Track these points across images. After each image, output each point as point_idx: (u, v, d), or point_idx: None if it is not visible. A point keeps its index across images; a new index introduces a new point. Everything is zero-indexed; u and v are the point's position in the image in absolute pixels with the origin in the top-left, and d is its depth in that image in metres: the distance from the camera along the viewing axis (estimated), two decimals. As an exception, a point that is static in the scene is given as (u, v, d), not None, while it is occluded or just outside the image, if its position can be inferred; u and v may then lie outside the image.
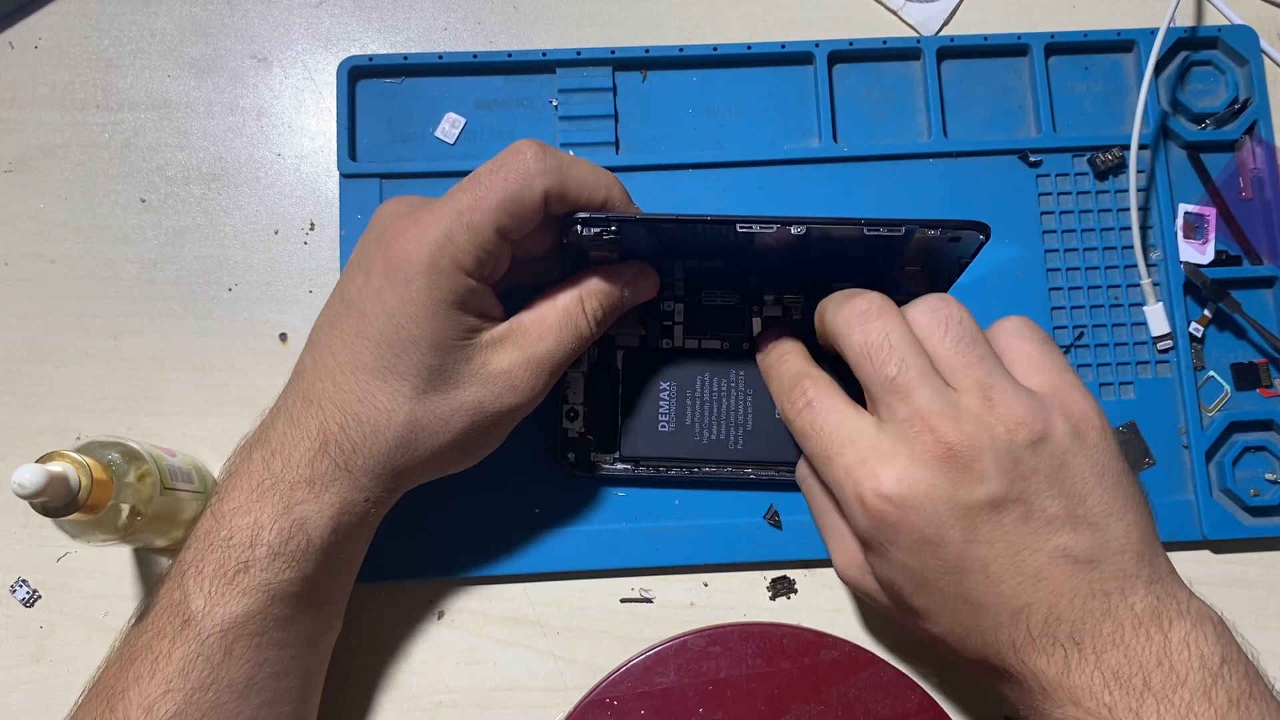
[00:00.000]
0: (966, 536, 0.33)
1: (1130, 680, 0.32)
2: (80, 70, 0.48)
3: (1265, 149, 0.47)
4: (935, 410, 0.34)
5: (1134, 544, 0.34)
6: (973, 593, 0.34)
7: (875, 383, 0.35)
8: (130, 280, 0.46)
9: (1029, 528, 0.33)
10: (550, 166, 0.36)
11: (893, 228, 0.37)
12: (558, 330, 0.38)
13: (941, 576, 0.34)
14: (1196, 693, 0.31)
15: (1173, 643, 0.32)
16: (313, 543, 0.36)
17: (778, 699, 0.41)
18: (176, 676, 0.34)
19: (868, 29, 0.49)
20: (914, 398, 0.34)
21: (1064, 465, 0.34)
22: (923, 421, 0.34)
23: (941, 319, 0.36)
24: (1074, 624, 0.33)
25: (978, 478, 0.33)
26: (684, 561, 0.44)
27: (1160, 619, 0.33)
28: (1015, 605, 0.33)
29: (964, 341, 0.36)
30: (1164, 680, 0.31)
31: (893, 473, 0.34)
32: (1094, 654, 0.32)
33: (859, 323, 0.36)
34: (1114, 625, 0.33)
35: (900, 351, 0.35)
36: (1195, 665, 0.32)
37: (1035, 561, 0.33)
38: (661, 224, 0.38)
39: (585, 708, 0.41)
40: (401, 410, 0.36)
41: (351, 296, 0.37)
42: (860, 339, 0.36)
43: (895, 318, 0.36)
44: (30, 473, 0.32)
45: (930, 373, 0.35)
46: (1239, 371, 0.45)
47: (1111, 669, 0.32)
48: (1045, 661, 0.33)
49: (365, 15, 0.49)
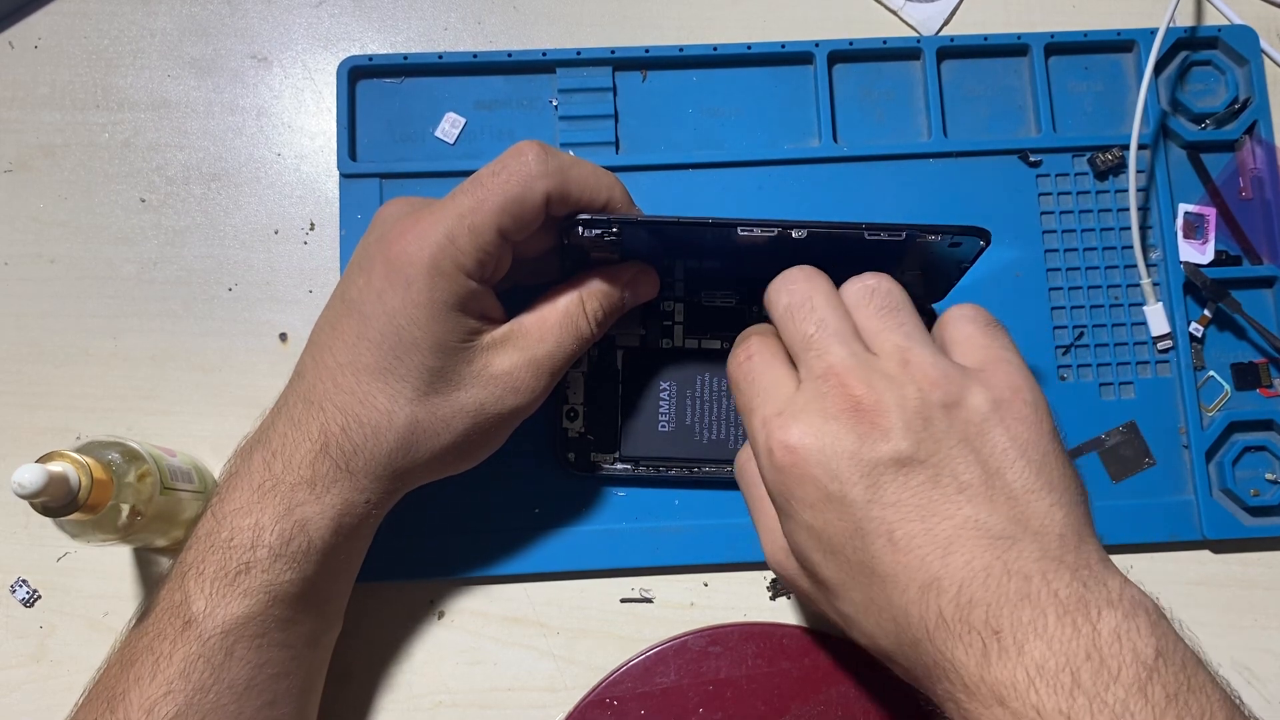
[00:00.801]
0: (870, 496, 0.32)
1: (1057, 676, 0.29)
2: (80, 70, 0.48)
3: (1265, 149, 0.47)
4: (847, 367, 0.34)
5: (1056, 524, 0.31)
6: (878, 561, 0.32)
7: (795, 341, 0.35)
8: (130, 280, 0.46)
9: (938, 493, 0.32)
10: (552, 168, 0.36)
11: (893, 233, 0.37)
12: (558, 331, 0.38)
13: (847, 540, 0.32)
14: (1131, 689, 0.28)
15: (1102, 634, 0.29)
16: (314, 544, 0.36)
17: (778, 699, 0.41)
18: (177, 678, 0.34)
19: (868, 29, 0.49)
20: (828, 354, 0.34)
21: (981, 434, 0.33)
22: (835, 377, 0.34)
23: (870, 289, 0.36)
24: (989, 607, 0.30)
25: (883, 433, 0.32)
26: (684, 561, 0.44)
27: (1087, 607, 0.30)
28: (924, 577, 0.31)
29: (886, 310, 0.36)
30: (1094, 676, 0.28)
31: (801, 425, 0.33)
32: (1014, 644, 0.29)
33: (785, 286, 0.36)
34: (1035, 612, 0.30)
35: (820, 312, 0.35)
36: (1129, 659, 0.29)
37: (944, 530, 0.31)
38: (663, 226, 0.38)
39: (585, 708, 0.41)
40: (403, 412, 0.36)
41: (352, 298, 0.37)
42: (785, 300, 0.36)
43: (822, 283, 0.36)
44: (30, 473, 0.32)
45: (850, 336, 0.35)
46: (1239, 371, 0.45)
47: (1035, 663, 0.29)
48: (963, 652, 0.30)
49: (365, 15, 0.49)
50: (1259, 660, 0.43)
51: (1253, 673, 0.43)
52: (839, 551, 0.33)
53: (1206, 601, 0.44)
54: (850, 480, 0.32)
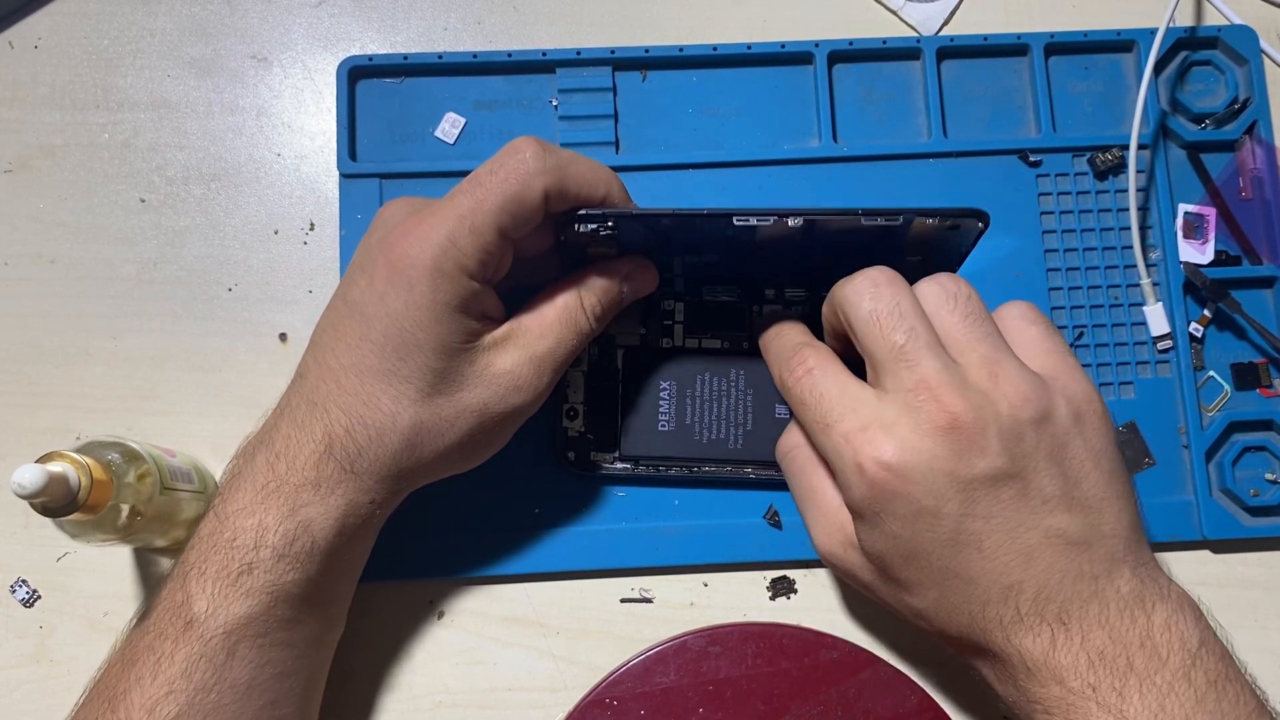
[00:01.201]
0: (964, 510, 0.33)
1: (1114, 660, 0.32)
2: (80, 70, 0.48)
3: (1265, 149, 0.47)
4: (942, 381, 0.34)
5: (1124, 529, 0.34)
6: (965, 566, 0.34)
7: (882, 349, 0.35)
8: (130, 280, 0.46)
9: (1026, 505, 0.33)
10: (550, 165, 0.36)
11: (890, 217, 0.37)
12: (558, 328, 0.38)
13: (935, 549, 0.34)
14: (1177, 674, 0.32)
15: (1155, 625, 0.33)
16: (317, 545, 0.36)
17: (778, 699, 0.41)
18: (179, 678, 0.34)
19: (868, 29, 0.49)
20: (921, 367, 0.34)
21: (1064, 446, 0.34)
22: (929, 391, 0.34)
23: (950, 294, 0.36)
24: (1062, 604, 0.33)
25: (980, 451, 0.33)
26: (684, 561, 0.44)
27: (1144, 602, 0.33)
28: (1006, 582, 0.33)
29: (971, 317, 0.36)
30: (1147, 661, 0.32)
31: (895, 441, 0.33)
32: (1080, 634, 0.33)
33: (869, 289, 0.36)
34: (1100, 607, 0.33)
35: (910, 320, 0.35)
36: (1176, 647, 0.32)
37: (1029, 539, 0.33)
38: (659, 218, 0.38)
39: (585, 708, 0.41)
40: (407, 413, 0.36)
41: (354, 299, 0.37)
42: (870, 306, 0.35)
43: (906, 288, 0.36)
44: (30, 473, 0.32)
45: (937, 345, 0.35)
46: (1239, 371, 0.45)
47: (1096, 649, 0.32)
48: (1031, 640, 0.33)
49: (365, 15, 0.49)
50: (1259, 660, 0.43)
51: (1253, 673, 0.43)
52: (924, 557, 0.34)
53: (1206, 601, 0.43)
54: (946, 496, 0.33)
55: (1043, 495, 0.33)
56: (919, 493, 0.33)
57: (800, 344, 0.39)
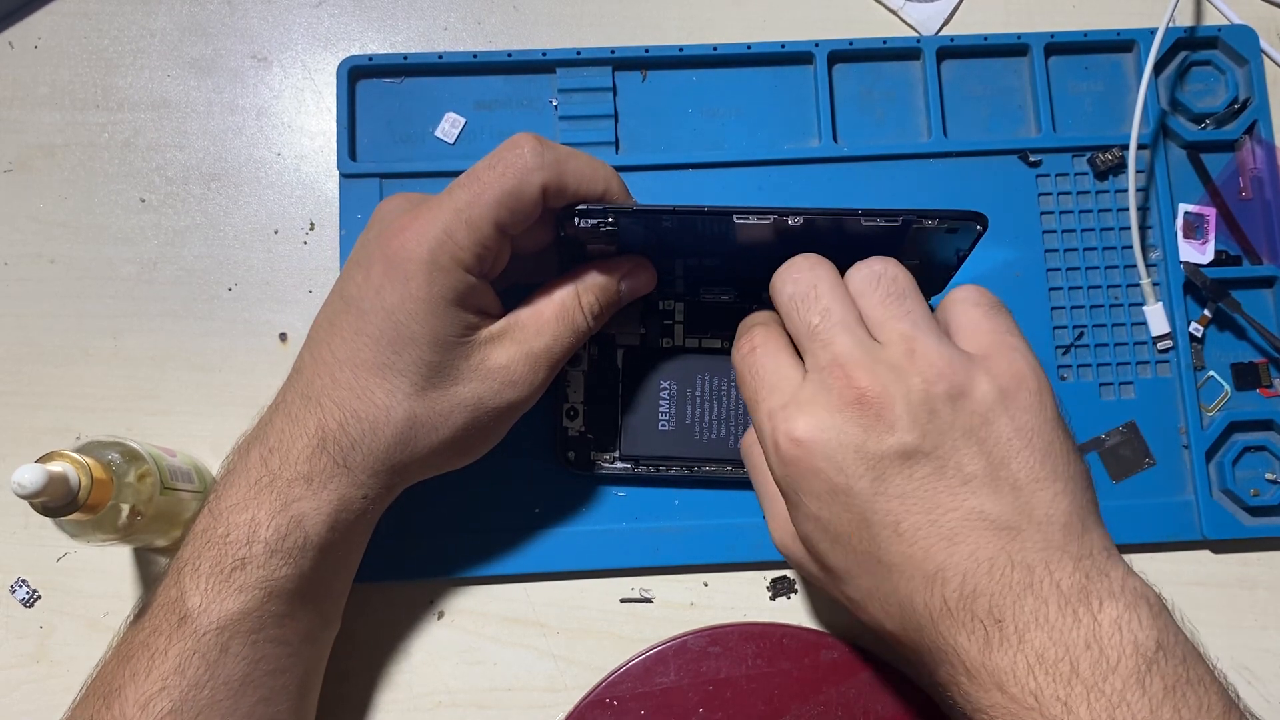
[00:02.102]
0: (875, 488, 0.32)
1: (1057, 665, 0.29)
2: (80, 70, 0.48)
3: (1265, 149, 0.47)
4: (853, 359, 0.33)
5: (1060, 514, 0.31)
6: (885, 551, 0.32)
7: (800, 332, 0.35)
8: (130, 280, 0.46)
9: (943, 484, 0.32)
10: (548, 160, 0.36)
11: (889, 218, 0.37)
12: (555, 325, 0.38)
13: (854, 530, 0.33)
14: (1129, 680, 0.29)
15: (1103, 625, 0.29)
16: (310, 540, 0.36)
17: (778, 699, 0.41)
18: (173, 674, 0.34)
19: (868, 29, 0.49)
20: (834, 345, 0.34)
21: (986, 423, 0.32)
22: (840, 368, 0.33)
23: (875, 275, 0.36)
24: (992, 597, 0.30)
25: (888, 425, 0.32)
26: (684, 561, 0.44)
27: (1089, 598, 0.30)
28: (929, 568, 0.31)
29: (893, 296, 0.35)
30: (1093, 666, 0.29)
31: (807, 417, 0.33)
32: (1016, 633, 0.30)
33: (790, 275, 0.36)
34: (1037, 602, 0.30)
35: (825, 301, 0.35)
36: (1128, 650, 0.29)
37: (949, 521, 0.31)
38: (659, 215, 0.38)
39: (585, 708, 0.41)
40: (400, 407, 0.36)
41: (351, 294, 0.37)
42: (790, 290, 0.36)
43: (826, 272, 0.36)
44: (30, 473, 0.32)
45: (855, 324, 0.34)
46: (1239, 371, 0.45)
47: (1035, 651, 0.29)
48: (966, 638, 0.31)
49: (365, 15, 0.49)
50: (1259, 660, 0.43)
51: (1253, 673, 0.43)
52: (845, 541, 0.33)
53: (1206, 601, 0.44)
54: (856, 473, 0.32)
55: (962, 474, 0.32)
56: (828, 469, 0.32)
57: (753, 324, 0.39)
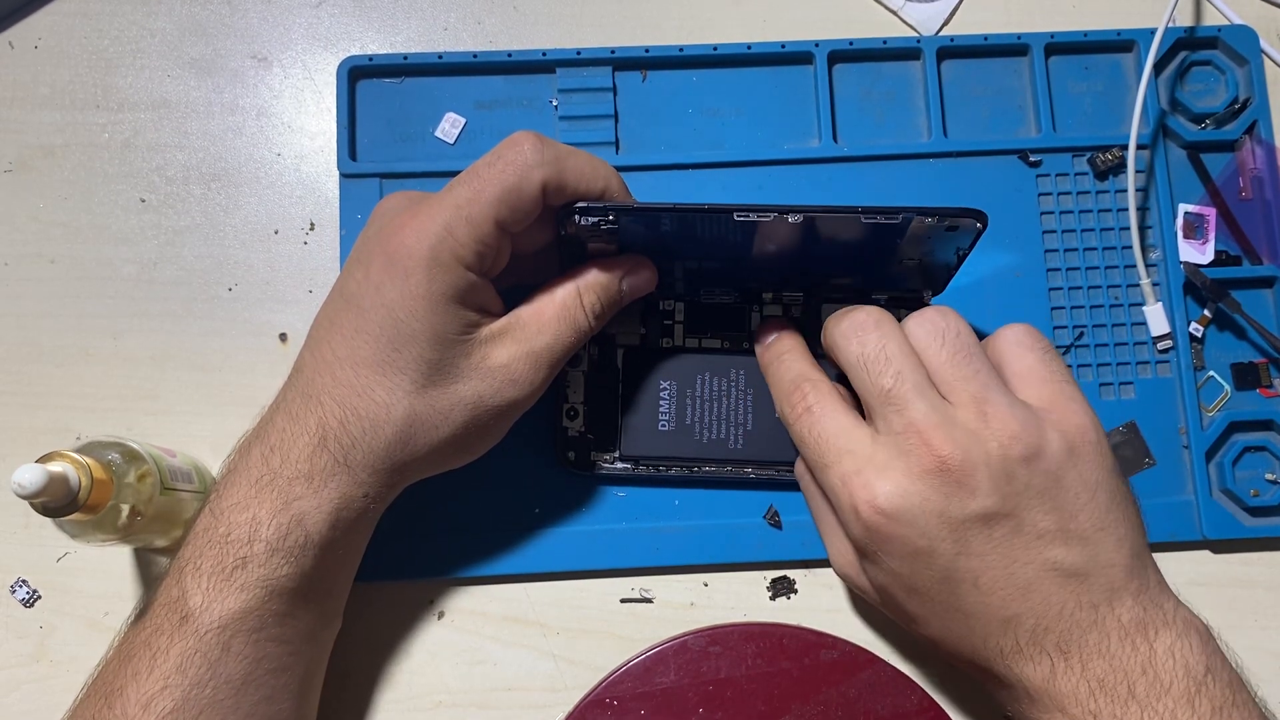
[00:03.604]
0: (958, 549, 0.34)
1: (1115, 688, 0.32)
2: (80, 70, 0.48)
3: (1265, 149, 0.47)
4: (930, 423, 0.34)
5: (1123, 558, 0.34)
6: (963, 602, 0.34)
7: (871, 395, 0.36)
8: (130, 280, 0.46)
9: (1020, 541, 0.34)
10: (548, 158, 0.36)
11: (889, 216, 0.37)
12: (556, 324, 0.38)
13: (933, 586, 0.35)
14: (1180, 700, 0.32)
15: (1158, 652, 0.33)
16: (311, 538, 0.36)
17: (778, 699, 0.41)
18: (174, 673, 0.34)
19: (868, 29, 0.49)
20: (909, 410, 0.35)
21: (1057, 481, 0.34)
22: (918, 434, 0.34)
23: (939, 331, 0.36)
24: (1061, 634, 0.33)
25: (970, 492, 0.34)
26: (684, 561, 0.44)
27: (1146, 629, 0.33)
28: (1004, 615, 0.34)
29: (960, 354, 0.36)
30: (1148, 688, 0.32)
31: (887, 485, 0.34)
32: (1080, 663, 0.33)
33: (855, 334, 0.36)
34: (1100, 636, 0.33)
35: (896, 364, 0.35)
36: (1180, 674, 0.32)
37: (1025, 574, 0.34)
38: (659, 213, 0.38)
39: (585, 708, 0.41)
40: (400, 405, 0.36)
41: (351, 292, 0.37)
42: (857, 350, 0.36)
43: (893, 330, 0.36)
44: (30, 473, 0.32)
45: (926, 386, 0.35)
46: (1239, 371, 0.45)
47: (1097, 677, 0.33)
48: (1032, 669, 0.34)
49: (365, 15, 0.49)
50: (1259, 660, 0.43)
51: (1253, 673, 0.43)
52: (923, 593, 0.35)
53: (1206, 601, 0.43)
54: (939, 537, 0.34)
55: (1037, 530, 0.34)
56: (912, 535, 0.34)
57: (799, 376, 0.39)
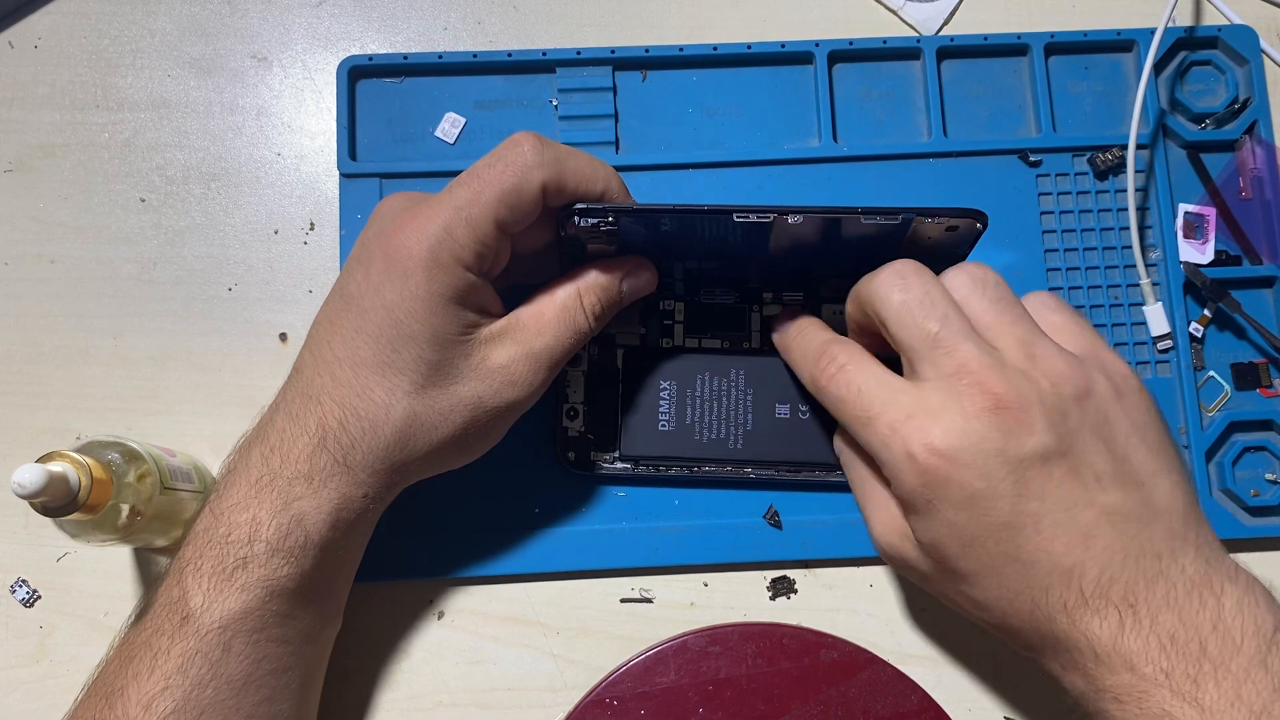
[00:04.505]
0: (1018, 490, 0.33)
1: (1186, 645, 0.31)
2: (80, 70, 0.48)
3: (1265, 149, 0.47)
4: (982, 364, 0.34)
5: (1180, 504, 0.33)
6: (1024, 549, 0.33)
7: (918, 339, 0.35)
8: (130, 280, 0.46)
9: (1078, 483, 0.33)
10: (548, 158, 0.36)
11: (889, 216, 0.37)
12: (556, 325, 0.38)
13: (992, 533, 0.33)
14: (1254, 660, 0.31)
15: (1226, 608, 0.32)
16: (311, 539, 0.36)
17: (778, 699, 0.41)
18: (175, 673, 0.34)
19: (868, 29, 0.49)
20: (958, 352, 0.34)
21: (1108, 421, 0.34)
22: (970, 375, 0.34)
23: (979, 280, 0.36)
24: (1127, 584, 0.32)
25: (1029, 429, 0.33)
26: (684, 561, 0.44)
27: (1211, 583, 0.32)
28: (1067, 564, 0.33)
29: (1002, 301, 0.36)
30: (1220, 646, 0.31)
31: (942, 426, 0.33)
32: (1149, 617, 0.32)
33: (898, 281, 0.36)
34: (1167, 587, 0.32)
35: (942, 307, 0.35)
36: (1250, 632, 0.31)
37: (1086, 518, 0.33)
38: (659, 214, 0.38)
39: (585, 708, 0.41)
40: (400, 405, 0.36)
41: (351, 292, 0.37)
42: (900, 297, 0.35)
43: (933, 277, 0.36)
44: (30, 473, 0.32)
45: (971, 330, 0.35)
46: (1239, 371, 0.45)
47: (1167, 633, 0.31)
48: (1099, 624, 0.32)
49: (365, 15, 0.49)
50: None
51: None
52: (981, 543, 0.34)
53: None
54: (999, 477, 0.33)
55: (1094, 472, 0.33)
56: (971, 476, 0.33)
57: (826, 341, 0.38)
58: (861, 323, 0.38)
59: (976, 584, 0.35)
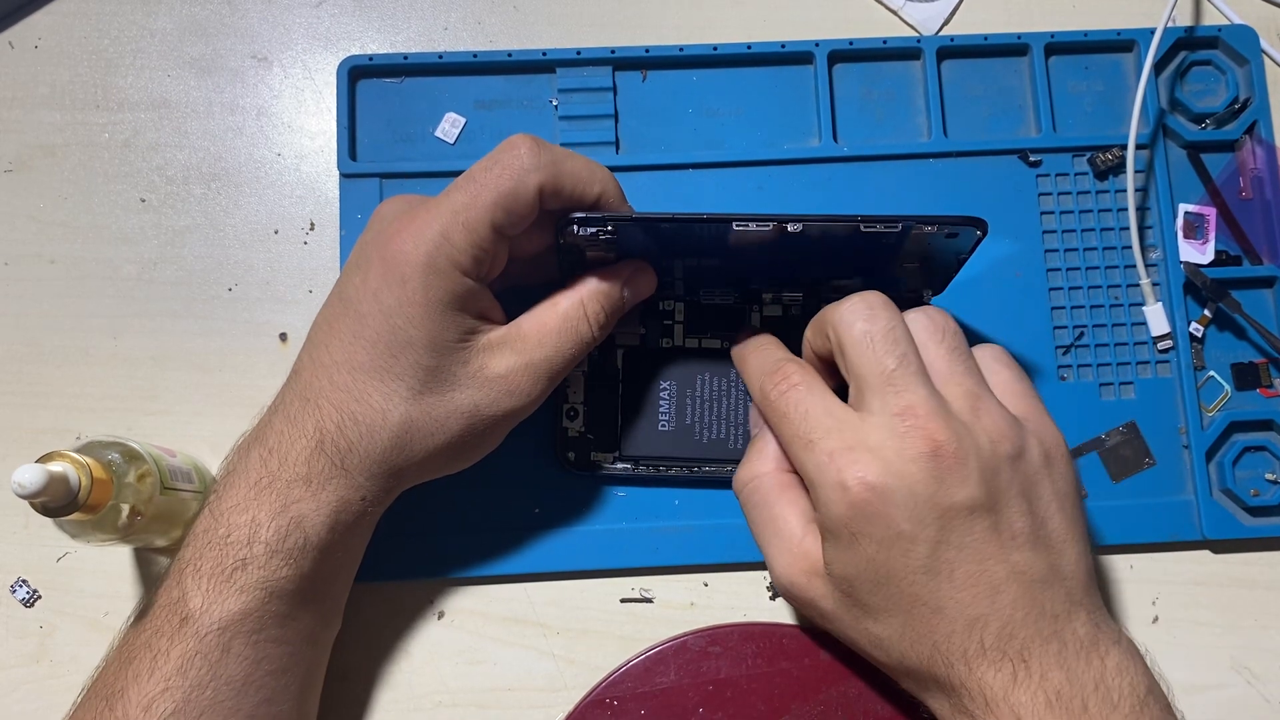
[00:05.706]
0: (940, 537, 0.34)
1: (1070, 701, 0.33)
2: (80, 70, 0.48)
3: (1265, 149, 0.47)
4: (930, 409, 0.34)
5: (1082, 572, 0.35)
6: (935, 595, 0.34)
7: (873, 372, 0.35)
8: (130, 280, 0.46)
9: (996, 538, 0.34)
10: (544, 161, 0.36)
11: (889, 224, 0.37)
12: (557, 336, 0.38)
13: (907, 574, 0.34)
14: (1128, 717, 0.33)
15: (1109, 669, 0.34)
16: (310, 540, 0.36)
17: (778, 699, 0.41)
18: (175, 674, 0.34)
19: (868, 29, 0.49)
20: (909, 393, 0.35)
21: (1034, 485, 0.35)
22: (916, 418, 0.34)
23: (939, 327, 0.37)
24: (1024, 641, 0.34)
25: (961, 480, 0.34)
26: (684, 561, 0.44)
27: (1098, 645, 0.34)
28: (973, 614, 0.34)
29: (956, 352, 0.37)
30: (1100, 704, 0.33)
31: (880, 463, 0.34)
32: (1039, 672, 0.33)
33: (865, 311, 0.36)
34: (1059, 646, 0.34)
35: (902, 346, 0.35)
36: (1126, 692, 0.33)
37: (997, 572, 0.34)
38: (658, 223, 0.38)
39: (585, 708, 0.41)
40: (397, 410, 0.36)
41: (349, 296, 0.37)
42: (864, 327, 0.36)
43: (899, 314, 0.37)
44: (30, 473, 0.32)
45: (925, 374, 0.36)
46: (1239, 371, 0.45)
47: (1054, 689, 0.33)
48: (994, 674, 0.34)
49: (365, 15, 0.49)
50: (1259, 660, 0.43)
51: (1253, 673, 0.43)
52: (895, 582, 0.35)
53: (1206, 601, 0.44)
54: (924, 522, 0.34)
55: (1011, 530, 0.34)
56: (899, 516, 0.34)
57: (782, 359, 0.39)
58: (819, 350, 0.39)
59: (882, 621, 0.35)
